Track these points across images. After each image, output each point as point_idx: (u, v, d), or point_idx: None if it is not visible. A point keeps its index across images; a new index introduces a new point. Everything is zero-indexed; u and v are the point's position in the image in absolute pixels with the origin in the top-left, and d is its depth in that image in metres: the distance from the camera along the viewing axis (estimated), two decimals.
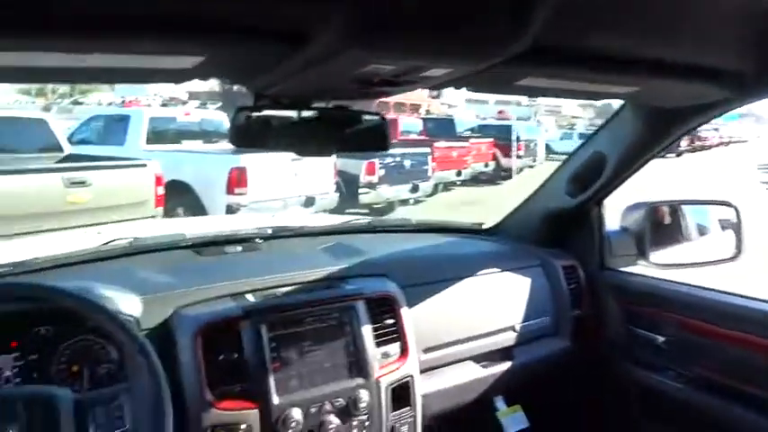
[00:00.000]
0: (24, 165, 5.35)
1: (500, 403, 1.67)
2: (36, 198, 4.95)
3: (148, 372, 0.99)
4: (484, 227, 2.12)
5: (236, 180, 6.55)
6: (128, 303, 1.24)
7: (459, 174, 12.36)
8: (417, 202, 11.01)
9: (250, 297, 1.34)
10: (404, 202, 10.49)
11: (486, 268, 1.72)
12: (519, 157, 15.28)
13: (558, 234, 1.91)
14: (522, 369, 1.68)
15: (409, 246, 1.83)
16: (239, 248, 1.72)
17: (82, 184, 5.24)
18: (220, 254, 1.70)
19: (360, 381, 1.32)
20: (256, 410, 1.22)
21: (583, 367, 1.80)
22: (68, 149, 6.53)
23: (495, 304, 1.69)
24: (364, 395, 1.31)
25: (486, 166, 14.05)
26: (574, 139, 20.16)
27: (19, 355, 1.19)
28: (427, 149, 10.56)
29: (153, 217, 5.64)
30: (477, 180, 13.46)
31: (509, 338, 1.69)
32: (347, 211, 9.63)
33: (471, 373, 1.62)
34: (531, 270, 1.79)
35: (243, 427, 1.20)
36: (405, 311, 1.44)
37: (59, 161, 6.08)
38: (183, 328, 1.23)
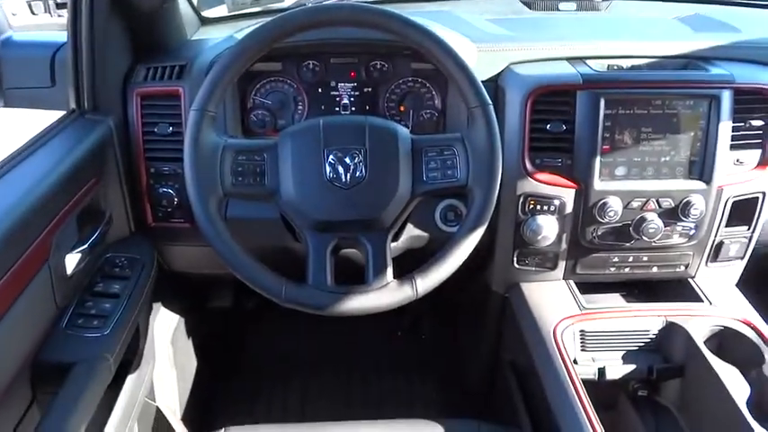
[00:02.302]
0: None
1: None
2: None
3: (486, 127, 0.93)
4: None
5: None
6: (464, 50, 1.16)
7: None
8: None
9: (592, 63, 1.16)
10: None
11: None
12: None
13: None
14: None
15: None
16: (573, 5, 1.50)
17: None
18: (552, 9, 1.50)
19: (698, 185, 1.12)
20: (574, 190, 1.13)
21: None
22: None
23: None
24: (698, 201, 1.12)
25: None
26: None
27: (356, 85, 1.24)
28: None
29: None
30: None
31: None
32: None
33: None
34: None
35: (556, 202, 1.13)
36: None
37: None
38: (514, 87, 1.13)
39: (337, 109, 1.25)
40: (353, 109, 1.25)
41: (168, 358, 1.35)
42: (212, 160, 0.91)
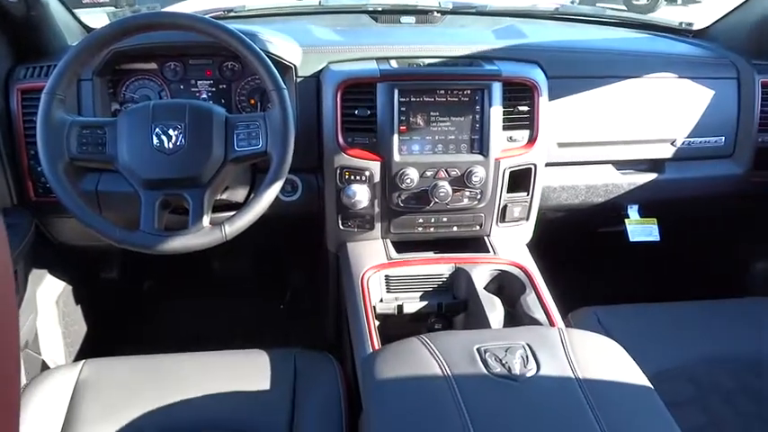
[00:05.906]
0: None
1: (633, 212, 1.63)
2: None
3: (280, 106, 1.19)
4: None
5: None
6: (290, 52, 1.43)
7: None
8: (691, 1, 9.37)
9: (393, 62, 1.44)
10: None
11: (663, 72, 1.55)
12: None
13: None
14: (670, 184, 1.59)
15: (587, 37, 1.70)
16: (413, 19, 1.79)
17: None
18: (395, 23, 1.79)
19: (478, 158, 1.40)
20: (379, 163, 1.39)
21: (749, 201, 1.63)
22: None
23: (659, 112, 1.55)
24: (480, 171, 1.39)
25: None
26: None
27: (212, 82, 1.50)
28: None
29: None
30: None
31: (665, 151, 1.57)
32: (599, 3, 8.65)
33: (607, 177, 1.58)
34: (719, 82, 1.57)
35: (366, 173, 1.40)
36: (543, 101, 1.42)
37: None
38: (329, 80, 1.40)
39: None
40: (211, 102, 1.51)
41: (54, 318, 1.56)
42: (60, 132, 1.15)
